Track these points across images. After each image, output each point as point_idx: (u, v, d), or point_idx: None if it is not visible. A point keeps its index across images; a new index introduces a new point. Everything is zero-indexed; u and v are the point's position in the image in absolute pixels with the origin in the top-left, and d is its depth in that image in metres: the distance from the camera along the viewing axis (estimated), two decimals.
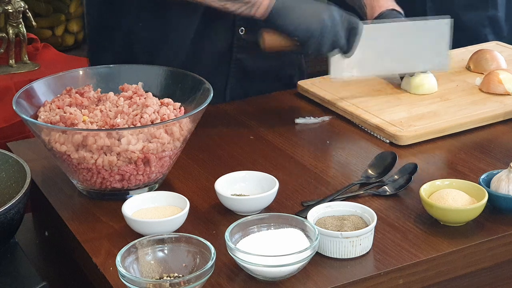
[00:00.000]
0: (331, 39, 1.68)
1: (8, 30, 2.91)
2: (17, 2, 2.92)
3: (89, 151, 1.42)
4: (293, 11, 1.66)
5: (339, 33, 1.69)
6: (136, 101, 1.52)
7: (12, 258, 1.39)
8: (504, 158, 1.61)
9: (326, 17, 1.67)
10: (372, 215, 1.33)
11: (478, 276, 1.39)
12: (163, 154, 1.46)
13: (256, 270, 1.23)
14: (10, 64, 2.92)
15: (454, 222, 1.38)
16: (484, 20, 2.33)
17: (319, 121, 1.81)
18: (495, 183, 1.43)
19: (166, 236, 1.28)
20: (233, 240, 1.27)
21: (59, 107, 1.53)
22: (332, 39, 1.69)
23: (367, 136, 1.74)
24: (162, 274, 1.24)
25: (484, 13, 2.32)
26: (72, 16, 3.50)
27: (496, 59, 2.00)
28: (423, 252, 1.32)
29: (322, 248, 1.30)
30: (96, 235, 1.39)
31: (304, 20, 1.66)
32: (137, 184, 1.48)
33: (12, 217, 1.35)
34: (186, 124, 1.48)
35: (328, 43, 1.69)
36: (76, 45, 3.58)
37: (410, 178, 1.50)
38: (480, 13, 2.32)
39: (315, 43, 1.68)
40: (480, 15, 2.33)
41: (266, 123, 1.80)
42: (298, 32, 1.67)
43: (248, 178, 1.48)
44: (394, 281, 1.29)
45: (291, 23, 1.66)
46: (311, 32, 1.66)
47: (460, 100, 1.84)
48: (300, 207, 1.45)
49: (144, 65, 1.70)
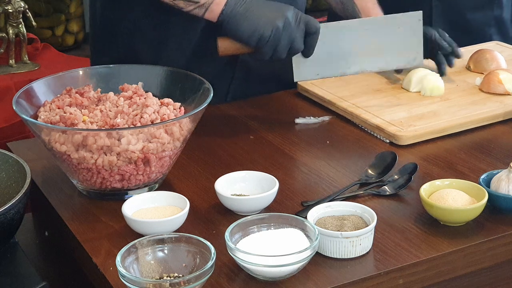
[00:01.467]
0: (286, 43, 1.66)
1: (8, 30, 2.91)
2: (17, 2, 2.92)
3: (89, 151, 1.42)
4: (245, 19, 1.65)
5: (294, 37, 1.67)
6: (136, 101, 1.52)
7: (12, 258, 1.39)
8: (504, 158, 1.61)
9: (279, 22, 1.64)
10: (372, 215, 1.33)
11: (478, 276, 1.39)
12: (163, 154, 1.46)
13: (256, 270, 1.24)
14: (10, 64, 2.92)
15: (454, 222, 1.38)
16: (490, 20, 2.33)
17: (319, 121, 1.81)
18: (495, 183, 1.43)
19: (166, 236, 1.28)
20: (233, 240, 1.27)
21: (59, 107, 1.53)
22: (288, 43, 1.66)
23: (367, 136, 1.74)
24: (162, 274, 1.24)
25: (490, 13, 2.32)
26: (72, 16, 3.50)
27: (496, 59, 2.00)
28: (423, 252, 1.32)
29: (322, 248, 1.30)
30: (96, 235, 1.39)
31: (256, 28, 1.64)
32: (137, 184, 1.48)
33: (12, 217, 1.35)
34: (186, 124, 1.48)
35: (283, 48, 1.66)
36: (76, 45, 3.58)
37: (410, 178, 1.50)
38: (486, 13, 2.32)
39: (270, 49, 1.66)
40: (486, 15, 2.33)
41: (266, 123, 1.80)
42: (251, 39, 1.65)
43: (248, 178, 1.48)
44: (394, 281, 1.29)
45: (244, 31, 1.65)
46: (264, 40, 1.64)
47: (460, 100, 1.84)
48: (300, 207, 1.45)
49: (144, 65, 1.71)
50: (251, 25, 1.64)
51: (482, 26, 2.33)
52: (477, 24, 2.33)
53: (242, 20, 1.65)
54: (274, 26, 1.64)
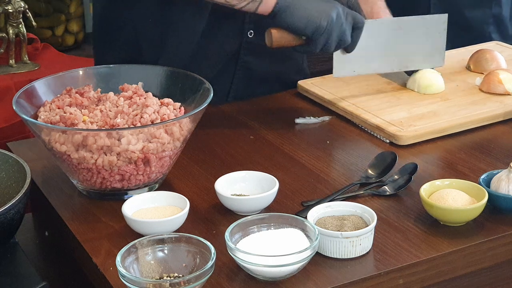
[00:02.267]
0: (338, 35, 1.68)
1: (8, 30, 2.91)
2: (17, 2, 2.92)
3: (89, 151, 1.42)
4: (300, 9, 1.66)
5: (346, 30, 1.70)
6: (136, 101, 1.52)
7: (12, 258, 1.39)
8: (504, 158, 1.61)
9: (334, 14, 1.66)
10: (372, 215, 1.33)
11: (478, 276, 1.39)
12: (163, 154, 1.46)
13: (256, 270, 1.24)
14: (10, 64, 2.92)
15: (454, 222, 1.38)
16: (488, 18, 2.33)
17: (319, 121, 1.81)
18: (495, 183, 1.43)
19: (166, 236, 1.28)
20: (233, 240, 1.27)
21: (59, 107, 1.53)
22: (339, 35, 1.69)
23: (367, 136, 1.74)
24: (162, 274, 1.24)
25: (489, 11, 2.32)
26: (72, 16, 3.50)
27: (496, 59, 2.00)
28: (423, 252, 1.32)
29: (322, 248, 1.30)
30: (96, 235, 1.39)
31: (313, 17, 1.65)
32: (137, 184, 1.48)
33: (12, 217, 1.35)
34: (186, 124, 1.48)
35: (335, 40, 1.69)
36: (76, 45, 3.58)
37: (410, 178, 1.50)
38: (485, 11, 2.32)
39: (324, 40, 1.67)
40: (485, 13, 2.33)
41: (266, 123, 1.80)
42: (307, 29, 1.66)
43: (248, 178, 1.48)
44: (394, 281, 1.29)
45: (300, 20, 1.65)
46: (321, 29, 1.65)
47: (460, 100, 1.84)
48: (300, 207, 1.45)
49: (144, 65, 1.71)
50: (307, 15, 1.65)
51: (481, 24, 2.33)
52: (476, 22, 2.33)
53: (297, 10, 1.66)
54: (329, 16, 1.65)
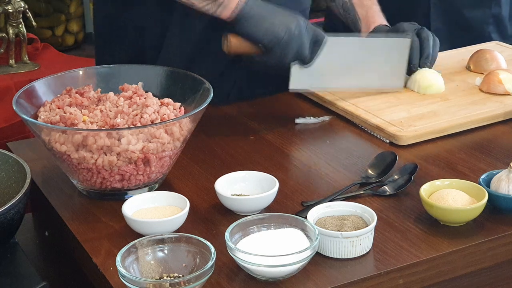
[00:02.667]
0: (296, 49, 1.68)
1: (8, 30, 2.92)
2: (17, 2, 2.92)
3: (89, 151, 1.42)
4: (261, 18, 1.66)
5: (304, 44, 1.69)
6: (136, 101, 1.52)
7: (12, 258, 1.39)
8: (504, 158, 1.61)
9: (293, 27, 1.66)
10: (372, 215, 1.33)
11: (478, 276, 1.39)
12: (163, 154, 1.46)
13: (256, 270, 1.23)
14: (10, 64, 2.93)
15: (454, 222, 1.38)
16: (488, 18, 2.33)
17: (319, 121, 1.81)
18: (495, 183, 1.43)
19: (166, 236, 1.28)
20: (233, 240, 1.27)
21: (59, 107, 1.53)
22: (297, 49, 1.68)
23: (367, 136, 1.74)
24: (162, 274, 1.24)
25: (488, 11, 2.32)
26: (72, 16, 3.51)
27: (496, 59, 2.00)
28: (423, 252, 1.32)
29: (322, 248, 1.30)
30: (96, 235, 1.39)
31: (272, 27, 1.65)
32: (137, 184, 1.48)
33: (12, 217, 1.35)
34: (186, 124, 1.48)
35: (292, 53, 1.68)
36: (76, 45, 3.58)
37: (410, 178, 1.50)
38: (484, 11, 2.32)
39: (280, 52, 1.67)
40: (484, 13, 2.33)
41: (266, 123, 1.80)
42: (265, 39, 1.66)
43: (248, 178, 1.48)
44: (394, 281, 1.29)
45: (258, 29, 1.66)
46: (278, 40, 1.65)
47: (460, 100, 1.84)
48: (300, 207, 1.45)
49: (144, 65, 1.71)
50: (266, 25, 1.66)
51: (480, 24, 2.33)
52: (475, 22, 2.33)
53: (257, 18, 1.66)
54: (288, 28, 1.66)
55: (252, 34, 1.67)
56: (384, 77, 1.88)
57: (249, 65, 1.74)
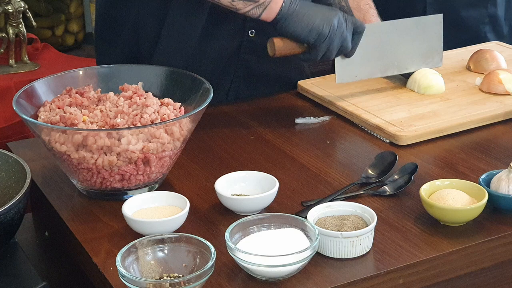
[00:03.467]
0: (340, 42, 1.70)
1: (8, 30, 2.91)
2: (17, 2, 2.92)
3: (89, 151, 1.42)
4: (303, 16, 1.67)
5: (346, 36, 1.71)
6: (136, 101, 1.52)
7: (12, 258, 1.39)
8: (504, 158, 1.61)
9: (335, 22, 1.68)
10: (372, 215, 1.33)
11: (478, 276, 1.39)
12: (163, 154, 1.46)
13: (256, 270, 1.24)
14: (10, 64, 2.92)
15: (454, 222, 1.38)
16: (484, 17, 2.33)
17: (319, 121, 1.81)
18: (495, 183, 1.43)
19: (166, 236, 1.28)
20: (233, 240, 1.27)
21: (59, 107, 1.53)
22: (341, 43, 1.71)
23: (367, 136, 1.74)
24: (162, 274, 1.24)
25: (484, 10, 2.33)
26: (72, 16, 3.50)
27: (496, 59, 2.00)
28: (423, 252, 1.32)
29: (322, 248, 1.30)
30: (96, 235, 1.39)
31: (315, 25, 1.67)
32: (137, 184, 1.48)
33: (12, 217, 1.35)
34: (186, 124, 1.48)
35: (337, 47, 1.70)
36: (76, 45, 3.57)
37: (410, 178, 1.50)
38: (480, 10, 2.32)
39: (325, 47, 1.69)
40: (480, 13, 2.33)
41: (266, 123, 1.80)
42: (310, 37, 1.67)
43: (248, 178, 1.48)
44: (394, 281, 1.29)
45: (302, 28, 1.67)
46: (323, 36, 1.67)
47: (460, 100, 1.84)
48: (300, 207, 1.45)
49: (144, 65, 1.71)
50: (309, 23, 1.67)
51: (476, 23, 2.33)
52: (471, 21, 2.33)
53: (300, 18, 1.67)
54: (331, 23, 1.67)
55: (296, 33, 1.68)
56: (423, 57, 1.90)
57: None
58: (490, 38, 2.32)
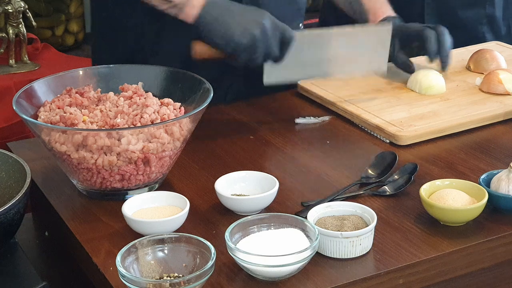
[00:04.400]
0: (263, 51, 1.65)
1: (8, 30, 2.91)
2: (17, 2, 2.92)
3: (89, 151, 1.42)
4: (222, 25, 1.63)
5: (271, 45, 1.66)
6: (136, 101, 1.52)
7: (12, 258, 1.39)
8: (504, 158, 1.61)
9: (256, 31, 1.63)
10: (372, 215, 1.33)
11: (478, 276, 1.39)
12: (163, 154, 1.46)
13: (256, 270, 1.24)
14: (10, 64, 2.93)
15: (454, 222, 1.38)
16: (482, 18, 2.33)
17: (319, 121, 1.81)
18: (495, 183, 1.43)
19: (166, 236, 1.28)
20: (233, 240, 1.27)
21: (59, 107, 1.53)
22: (265, 51, 1.66)
23: (367, 136, 1.74)
24: (162, 274, 1.24)
25: (482, 11, 2.33)
26: (72, 16, 3.50)
27: (496, 59, 2.00)
28: (423, 252, 1.32)
29: (322, 248, 1.30)
30: (96, 235, 1.39)
31: (233, 36, 1.62)
32: (137, 184, 1.48)
33: (12, 217, 1.35)
34: (186, 124, 1.48)
35: (260, 56, 1.66)
36: (76, 45, 3.58)
37: (410, 178, 1.50)
38: (478, 10, 2.32)
39: (246, 57, 1.65)
40: (478, 13, 2.33)
41: (266, 123, 1.80)
42: (227, 48, 1.64)
43: (248, 178, 1.48)
44: (394, 281, 1.29)
45: (220, 38, 1.63)
46: (241, 48, 1.63)
47: (460, 100, 1.84)
48: (300, 207, 1.45)
49: (144, 65, 1.70)
50: (227, 33, 1.63)
51: (474, 24, 2.33)
52: (469, 22, 2.33)
53: (218, 27, 1.63)
54: (251, 34, 1.63)
55: (214, 42, 1.65)
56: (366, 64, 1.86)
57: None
58: (488, 38, 2.32)
